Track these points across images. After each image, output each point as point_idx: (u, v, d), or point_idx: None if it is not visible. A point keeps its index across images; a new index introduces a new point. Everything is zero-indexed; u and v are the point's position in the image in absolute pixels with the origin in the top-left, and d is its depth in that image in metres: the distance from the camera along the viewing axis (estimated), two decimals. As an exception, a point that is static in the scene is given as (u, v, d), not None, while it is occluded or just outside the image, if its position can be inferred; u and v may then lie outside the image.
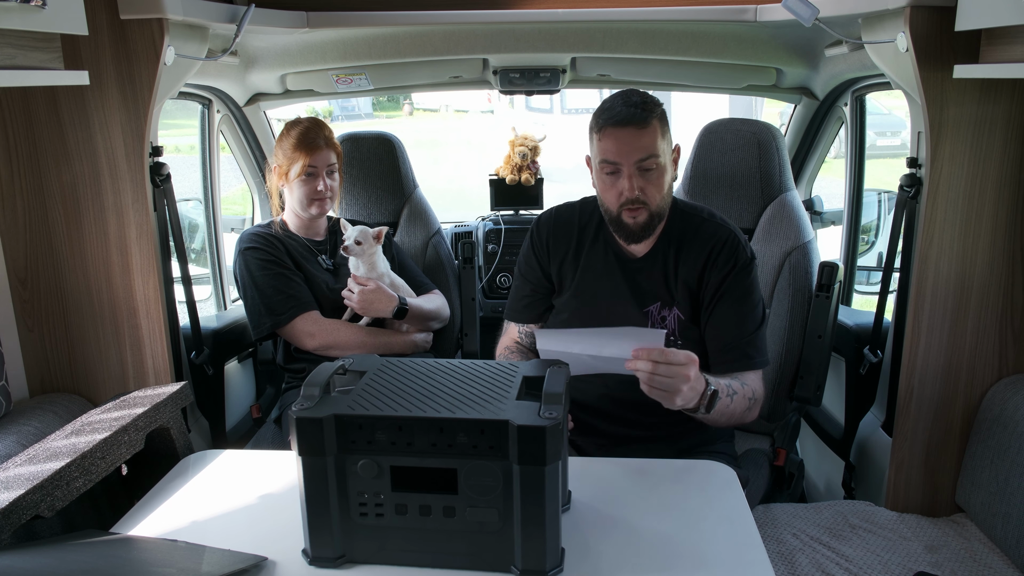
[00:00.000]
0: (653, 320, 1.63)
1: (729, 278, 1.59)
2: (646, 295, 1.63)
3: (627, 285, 1.64)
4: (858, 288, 2.52)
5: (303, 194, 1.99)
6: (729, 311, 1.59)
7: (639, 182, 1.52)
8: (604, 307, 1.63)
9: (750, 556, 1.10)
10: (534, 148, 2.83)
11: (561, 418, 0.99)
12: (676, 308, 1.62)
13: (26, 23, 1.18)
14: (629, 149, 1.50)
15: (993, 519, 1.56)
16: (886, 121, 8.25)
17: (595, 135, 1.55)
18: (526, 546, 1.01)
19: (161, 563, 1.10)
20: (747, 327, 1.59)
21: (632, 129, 1.49)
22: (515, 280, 1.79)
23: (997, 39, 1.34)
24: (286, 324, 1.93)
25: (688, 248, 1.61)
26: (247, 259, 1.96)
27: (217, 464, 1.41)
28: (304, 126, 1.99)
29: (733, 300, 1.59)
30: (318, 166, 1.97)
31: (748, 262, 1.61)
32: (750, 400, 1.53)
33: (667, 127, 1.55)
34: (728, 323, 1.59)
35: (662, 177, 1.54)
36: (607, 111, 1.52)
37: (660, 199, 1.56)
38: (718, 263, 1.59)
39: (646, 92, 1.56)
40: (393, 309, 1.99)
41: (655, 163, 1.51)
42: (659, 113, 1.53)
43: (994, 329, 1.64)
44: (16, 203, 1.61)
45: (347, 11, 1.97)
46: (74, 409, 1.61)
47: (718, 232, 1.61)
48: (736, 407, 1.48)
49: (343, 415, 1.01)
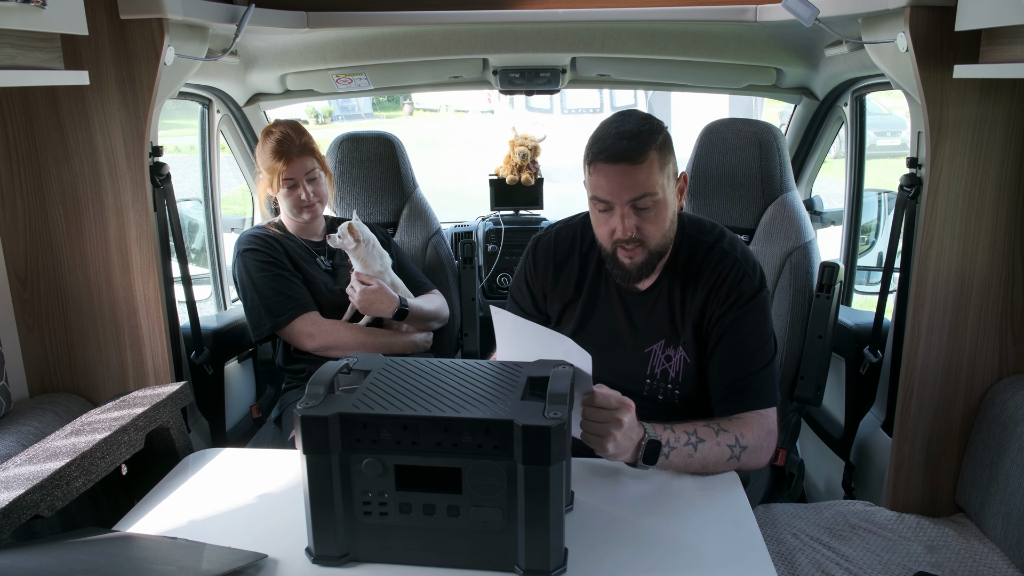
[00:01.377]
0: (656, 362, 1.50)
1: (730, 314, 1.43)
2: (648, 333, 1.50)
3: (628, 322, 1.51)
4: (858, 288, 2.53)
5: (290, 204, 1.99)
6: (731, 349, 1.44)
7: (634, 221, 1.38)
8: (604, 346, 1.50)
9: (752, 556, 1.10)
10: (534, 148, 2.83)
11: (565, 418, 0.99)
12: (683, 348, 1.47)
13: (26, 23, 1.17)
14: (620, 188, 1.36)
15: (993, 519, 1.56)
16: (886, 121, 8.27)
17: (587, 167, 1.40)
18: (530, 546, 1.01)
19: (161, 560, 1.10)
20: (751, 366, 1.43)
21: (624, 166, 1.35)
22: (507, 299, 1.68)
23: (997, 39, 1.34)
24: (285, 325, 1.93)
25: (694, 280, 1.47)
26: (246, 261, 1.96)
27: (217, 463, 1.41)
28: (277, 136, 1.95)
29: (737, 338, 1.44)
30: (296, 176, 1.95)
31: (753, 295, 1.44)
32: (732, 448, 1.33)
33: (668, 156, 1.40)
34: (729, 362, 1.44)
35: (661, 213, 1.39)
36: (599, 142, 1.38)
37: (660, 236, 1.41)
38: (719, 296, 1.44)
39: (646, 116, 1.41)
40: (393, 310, 1.99)
41: (651, 201, 1.37)
42: (658, 142, 1.37)
43: (994, 329, 1.64)
44: (16, 203, 1.61)
45: (347, 11, 1.96)
46: (74, 409, 1.61)
47: (723, 261, 1.45)
48: (706, 458, 1.31)
49: (348, 414, 1.01)
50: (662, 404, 1.50)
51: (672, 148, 1.43)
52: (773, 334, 1.48)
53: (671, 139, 1.44)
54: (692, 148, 2.14)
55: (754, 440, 1.37)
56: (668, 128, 1.48)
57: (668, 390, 1.50)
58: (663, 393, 1.50)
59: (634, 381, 1.51)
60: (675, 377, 1.49)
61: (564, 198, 1.73)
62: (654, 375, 1.50)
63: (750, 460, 1.37)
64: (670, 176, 1.41)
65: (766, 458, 1.40)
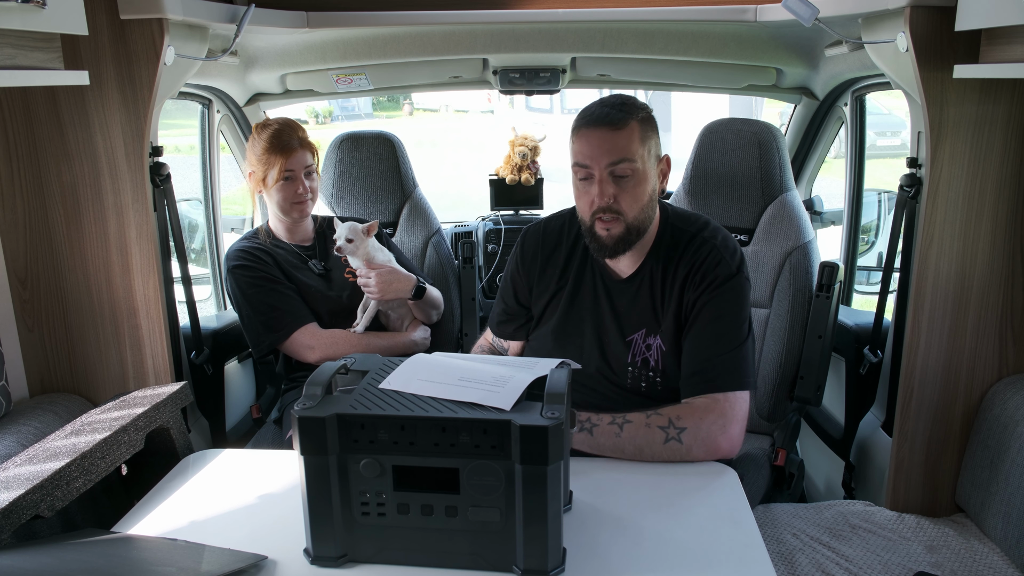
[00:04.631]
0: (637, 350, 1.49)
1: (704, 296, 1.42)
2: (630, 322, 1.49)
3: (611, 310, 1.51)
4: (858, 288, 2.52)
5: (282, 199, 1.93)
6: (701, 331, 1.42)
7: (611, 189, 1.39)
8: (589, 335, 1.52)
9: (752, 556, 1.10)
10: (534, 148, 2.83)
11: (563, 418, 0.99)
12: (659, 337, 1.46)
13: (26, 23, 1.17)
14: (599, 152, 1.38)
15: (993, 519, 1.56)
16: (886, 121, 8.25)
17: (571, 137, 1.44)
18: (528, 546, 1.01)
19: (161, 562, 1.10)
20: (717, 348, 1.40)
21: (605, 130, 1.38)
22: (498, 291, 1.71)
23: (997, 39, 1.34)
24: (285, 340, 1.90)
25: (674, 268, 1.47)
26: (237, 278, 1.92)
27: (217, 463, 1.41)
28: (275, 128, 1.91)
29: (707, 318, 1.42)
30: (295, 169, 1.91)
31: (727, 278, 1.43)
32: (664, 430, 1.31)
33: (651, 133, 1.43)
34: (698, 343, 1.42)
35: (640, 186, 1.41)
36: (583, 112, 1.43)
37: (637, 210, 1.41)
38: (695, 280, 1.44)
39: (633, 96, 1.45)
40: (412, 288, 1.96)
41: (630, 168, 1.39)
42: (641, 116, 1.41)
43: (994, 329, 1.64)
44: (16, 203, 1.61)
45: (347, 11, 1.96)
46: (74, 409, 1.61)
47: (702, 247, 1.46)
48: (635, 439, 1.31)
49: (346, 414, 1.01)
50: (645, 394, 1.49)
51: (656, 129, 1.46)
52: (749, 322, 1.45)
53: (655, 122, 1.46)
54: (692, 148, 2.14)
55: (695, 423, 1.33)
56: (668, 128, 1.50)
57: (650, 378, 1.49)
58: (645, 381, 1.49)
59: (616, 371, 1.51)
60: (655, 366, 1.48)
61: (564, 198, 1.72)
62: (635, 363, 1.49)
63: (697, 445, 1.32)
64: (651, 152, 1.43)
65: (726, 445, 1.34)
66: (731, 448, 1.36)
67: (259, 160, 1.91)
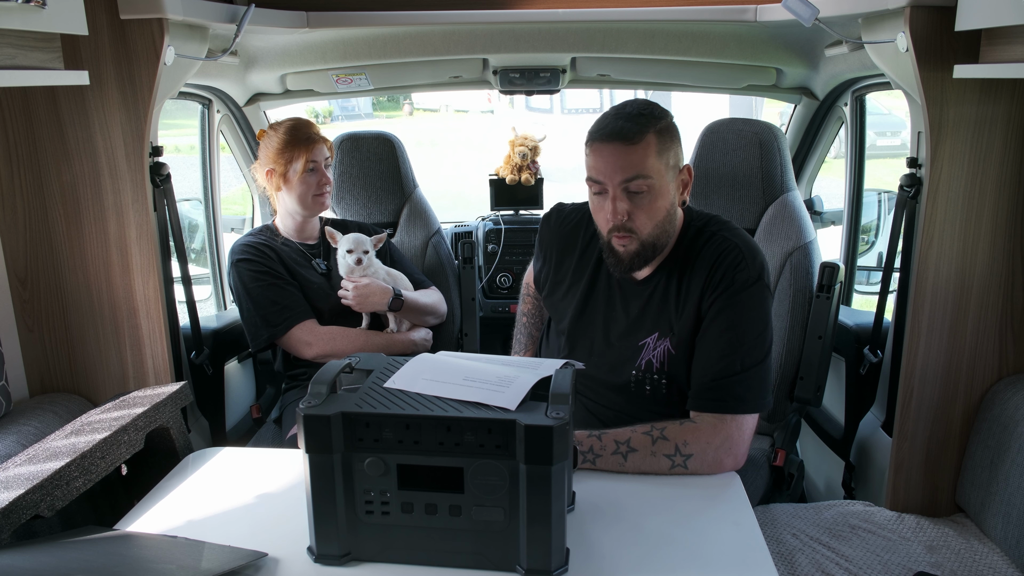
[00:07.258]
0: (647, 353, 1.45)
1: (721, 299, 1.36)
2: (644, 325, 1.45)
3: (624, 313, 1.48)
4: (858, 288, 2.53)
5: (304, 191, 1.95)
6: (715, 339, 1.36)
7: (625, 205, 1.34)
8: (600, 337, 1.50)
9: (752, 556, 1.10)
10: (534, 148, 2.83)
11: (568, 418, 0.99)
12: (669, 340, 1.42)
13: (26, 23, 1.17)
14: (613, 168, 1.32)
15: (993, 519, 1.56)
16: (886, 121, 8.27)
17: (585, 150, 1.38)
18: (531, 545, 1.01)
19: (161, 559, 1.10)
20: (732, 363, 1.34)
21: (619, 145, 1.32)
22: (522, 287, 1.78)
23: (997, 39, 1.34)
24: (283, 335, 1.91)
25: (693, 270, 1.41)
26: (240, 271, 1.93)
27: (217, 462, 1.41)
28: (293, 123, 1.96)
29: (724, 326, 1.35)
30: (319, 160, 1.95)
31: (747, 284, 1.36)
32: (671, 458, 1.28)
33: (670, 143, 1.36)
34: (711, 352, 1.36)
35: (656, 202, 1.35)
36: (598, 123, 1.37)
37: (652, 227, 1.36)
38: (713, 281, 1.38)
39: (651, 103, 1.38)
40: (388, 301, 1.97)
41: (645, 185, 1.33)
42: (659, 127, 1.33)
43: (994, 329, 1.64)
44: (16, 203, 1.61)
45: (347, 11, 1.96)
46: (74, 409, 1.60)
47: (721, 246, 1.40)
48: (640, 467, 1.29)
49: (351, 413, 1.01)
50: (650, 398, 1.47)
51: (677, 138, 1.39)
52: (768, 335, 1.39)
53: (676, 129, 1.39)
54: (692, 148, 2.14)
55: (701, 448, 1.30)
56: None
57: (655, 381, 1.46)
58: (650, 384, 1.47)
59: (621, 374, 1.49)
60: (659, 367, 1.44)
61: (564, 198, 1.72)
62: (639, 367, 1.47)
63: (703, 468, 1.30)
64: (670, 165, 1.36)
65: (731, 464, 1.32)
66: (735, 466, 1.35)
67: (279, 155, 1.93)
